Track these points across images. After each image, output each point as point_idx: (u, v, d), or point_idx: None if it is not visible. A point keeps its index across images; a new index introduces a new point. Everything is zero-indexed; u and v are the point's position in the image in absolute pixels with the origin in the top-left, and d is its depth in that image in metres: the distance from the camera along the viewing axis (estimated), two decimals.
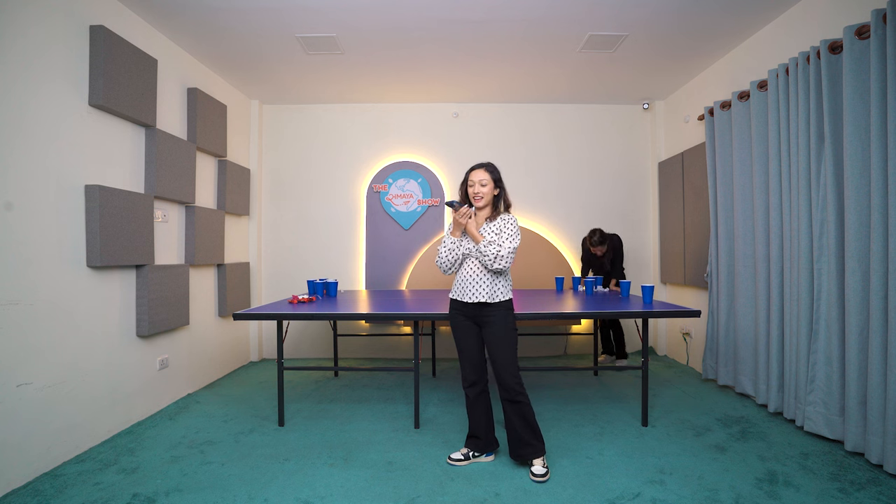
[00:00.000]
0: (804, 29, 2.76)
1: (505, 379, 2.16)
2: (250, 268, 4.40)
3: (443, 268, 2.27)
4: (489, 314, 2.19)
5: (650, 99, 4.55)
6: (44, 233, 2.23)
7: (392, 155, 4.61)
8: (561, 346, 4.61)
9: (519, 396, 2.16)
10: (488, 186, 2.19)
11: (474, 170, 2.22)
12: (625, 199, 4.66)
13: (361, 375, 3.87)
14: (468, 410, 2.32)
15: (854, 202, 2.28)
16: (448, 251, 2.23)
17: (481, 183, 2.19)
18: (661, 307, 2.74)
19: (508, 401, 2.18)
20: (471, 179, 2.21)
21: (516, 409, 2.17)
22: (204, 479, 2.14)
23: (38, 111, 2.22)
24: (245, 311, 2.71)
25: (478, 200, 2.19)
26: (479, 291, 2.18)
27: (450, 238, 2.23)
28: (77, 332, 2.42)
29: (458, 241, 2.23)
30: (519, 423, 2.18)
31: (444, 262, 2.25)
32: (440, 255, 2.26)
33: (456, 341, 2.30)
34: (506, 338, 2.18)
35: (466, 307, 2.24)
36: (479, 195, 2.19)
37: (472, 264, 2.22)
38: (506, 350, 2.17)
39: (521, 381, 2.18)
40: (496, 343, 2.18)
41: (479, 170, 2.21)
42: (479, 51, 3.46)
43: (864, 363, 2.27)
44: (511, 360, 2.17)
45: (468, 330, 2.26)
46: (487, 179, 2.19)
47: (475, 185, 2.19)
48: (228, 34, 3.19)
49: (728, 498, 1.95)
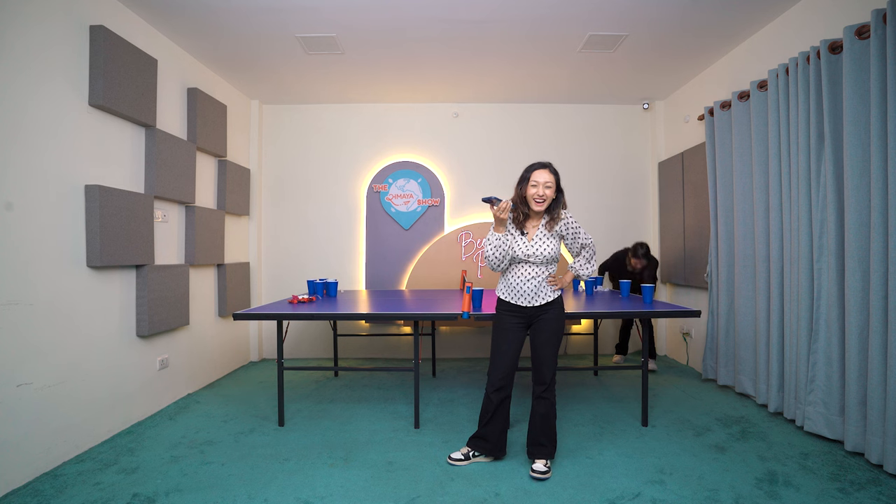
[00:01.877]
0: (804, 29, 2.76)
1: (545, 375, 2.16)
2: (250, 268, 4.40)
3: (492, 266, 2.15)
4: (544, 312, 2.18)
5: (650, 99, 4.55)
6: (44, 233, 2.23)
7: (392, 155, 4.61)
8: (561, 346, 4.59)
9: (549, 395, 2.16)
10: (552, 189, 2.10)
11: (538, 169, 2.10)
12: (625, 199, 4.66)
13: (361, 375, 3.87)
14: (487, 413, 2.23)
15: (854, 202, 2.28)
16: (495, 248, 2.11)
17: (546, 185, 2.08)
18: (661, 307, 2.74)
19: (539, 397, 2.18)
20: (534, 179, 2.09)
21: (543, 407, 2.17)
22: (204, 479, 2.13)
23: (39, 111, 2.22)
24: (245, 311, 2.71)
25: (539, 204, 2.10)
26: (544, 295, 2.16)
27: (494, 234, 2.11)
28: (77, 333, 2.42)
29: (503, 236, 2.11)
30: (540, 422, 2.18)
31: (493, 260, 2.13)
32: (487, 254, 2.14)
33: (496, 343, 2.22)
34: (556, 336, 2.18)
35: (523, 311, 2.19)
36: (543, 197, 2.09)
37: (530, 270, 2.15)
38: (553, 348, 2.17)
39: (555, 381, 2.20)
40: (547, 339, 2.16)
41: (543, 170, 2.10)
42: (480, 51, 3.46)
43: (864, 363, 2.27)
44: (555, 357, 2.18)
45: (516, 332, 2.20)
46: (552, 182, 2.10)
47: (539, 186, 2.08)
48: (228, 34, 3.19)
49: (728, 498, 1.95)
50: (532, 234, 2.17)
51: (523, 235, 2.17)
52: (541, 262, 2.15)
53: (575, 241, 2.19)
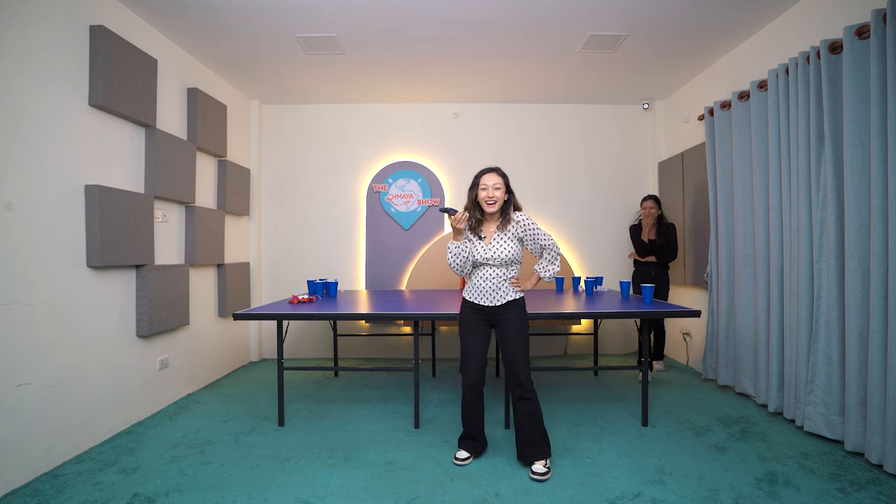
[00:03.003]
0: (804, 29, 2.76)
1: (520, 376, 2.17)
2: (250, 268, 4.40)
3: (456, 271, 2.26)
4: (506, 312, 2.20)
5: (650, 99, 4.55)
6: (44, 233, 2.23)
7: (392, 155, 4.61)
8: (561, 346, 4.61)
9: (531, 395, 2.17)
10: (501, 191, 2.18)
11: (486, 174, 2.19)
12: (625, 199, 4.66)
13: (361, 375, 3.87)
14: (465, 411, 2.32)
15: (854, 202, 2.28)
16: (455, 256, 2.21)
17: (495, 187, 2.17)
18: (661, 307, 2.74)
19: (521, 398, 2.18)
20: (483, 183, 2.18)
21: (527, 408, 2.18)
22: (204, 479, 2.13)
23: (39, 111, 2.22)
24: (245, 311, 2.71)
25: (491, 205, 2.17)
26: (504, 295, 2.20)
27: (453, 243, 2.21)
28: (77, 333, 2.42)
29: (461, 244, 2.21)
30: (528, 423, 2.18)
31: (455, 267, 2.24)
32: (449, 261, 2.25)
33: (463, 341, 2.28)
34: (522, 336, 2.19)
35: (485, 309, 2.23)
36: (493, 199, 2.17)
37: (490, 272, 2.21)
38: (521, 348, 2.18)
39: (532, 380, 2.20)
40: (513, 341, 2.18)
41: (491, 174, 2.19)
42: (479, 51, 3.46)
43: (864, 363, 2.27)
44: (526, 357, 2.19)
45: (479, 330, 2.25)
46: (501, 184, 2.18)
47: (488, 188, 2.17)
48: (228, 34, 3.19)
49: (728, 498, 1.95)
50: (490, 238, 2.23)
51: (481, 240, 2.23)
52: (500, 263, 2.20)
53: (535, 242, 2.20)
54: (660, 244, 3.76)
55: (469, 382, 2.26)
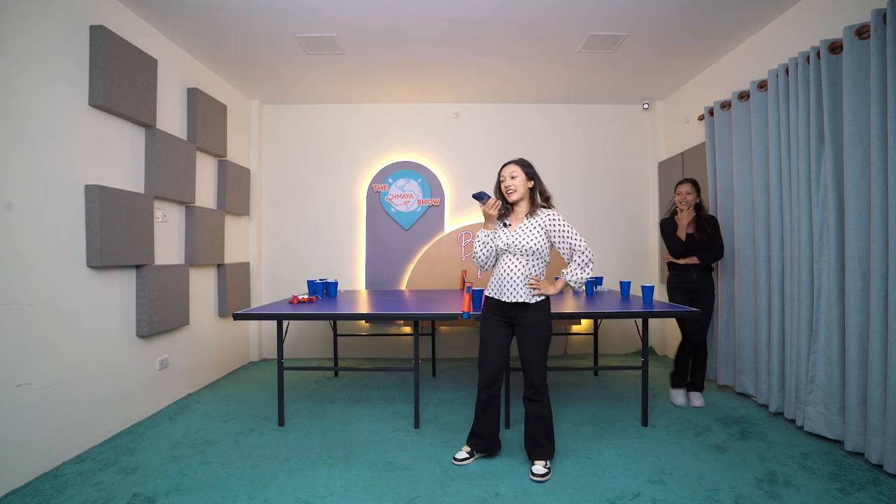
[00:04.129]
0: (804, 29, 2.76)
1: (533, 379, 2.16)
2: (250, 268, 4.40)
3: (478, 263, 2.24)
4: (526, 315, 2.17)
5: (650, 99, 4.55)
6: (44, 233, 2.23)
7: (392, 155, 4.61)
8: (561, 346, 4.61)
9: (541, 396, 2.17)
10: (519, 178, 2.17)
11: (504, 165, 2.22)
12: (625, 199, 4.66)
13: (361, 375, 3.87)
14: (477, 410, 2.30)
15: (854, 202, 2.28)
16: (483, 245, 2.21)
17: (511, 175, 2.17)
18: (661, 307, 2.74)
19: (530, 399, 2.18)
20: (502, 175, 2.21)
21: (534, 409, 2.18)
22: (204, 479, 2.13)
23: (38, 111, 2.22)
24: (245, 311, 2.71)
25: (511, 194, 2.18)
26: (516, 291, 2.15)
27: (483, 231, 2.20)
28: (77, 332, 2.42)
29: (491, 233, 2.20)
30: (534, 423, 2.18)
31: (480, 258, 2.22)
32: (475, 250, 2.24)
33: (482, 341, 2.25)
34: (541, 341, 2.16)
35: (502, 306, 2.20)
36: (512, 188, 2.17)
37: (509, 262, 2.17)
38: (539, 352, 2.16)
39: (547, 383, 2.19)
40: (531, 345, 2.16)
41: (508, 165, 2.21)
42: (479, 51, 3.46)
43: (864, 363, 2.27)
44: (543, 362, 2.17)
45: (499, 330, 2.22)
46: (518, 171, 2.18)
47: (506, 178, 2.19)
48: (228, 34, 3.19)
49: (728, 498, 1.95)
50: (515, 226, 2.21)
51: (506, 227, 2.23)
52: (520, 252, 2.15)
53: (563, 241, 2.14)
54: (700, 241, 2.99)
55: (484, 383, 2.24)
